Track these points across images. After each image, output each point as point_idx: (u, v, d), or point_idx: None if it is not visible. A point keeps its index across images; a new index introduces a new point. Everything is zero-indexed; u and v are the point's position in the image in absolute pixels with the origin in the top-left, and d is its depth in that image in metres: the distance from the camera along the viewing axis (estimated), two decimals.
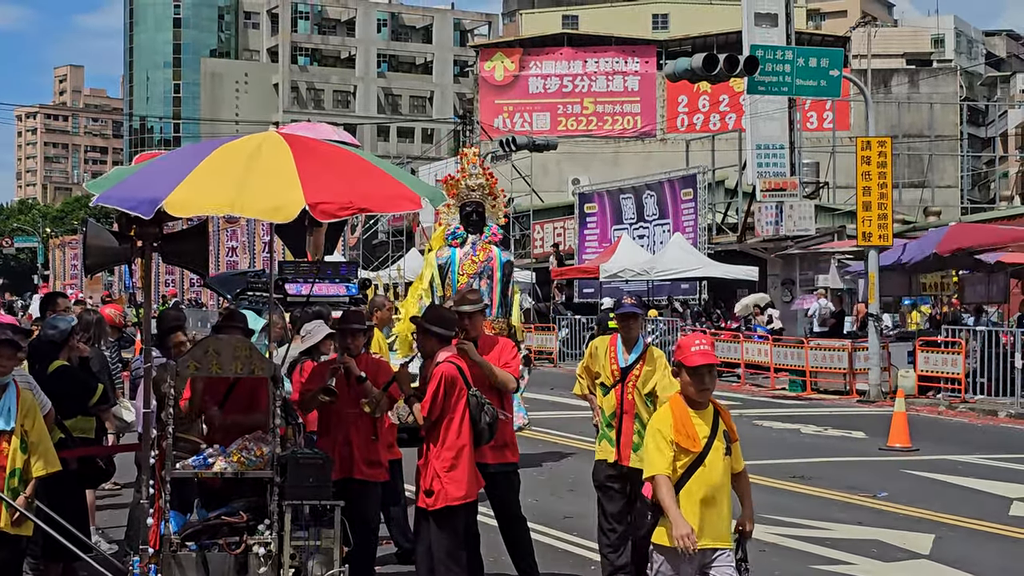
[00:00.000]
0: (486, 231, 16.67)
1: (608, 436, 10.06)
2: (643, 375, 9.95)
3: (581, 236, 50.11)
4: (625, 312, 10.13)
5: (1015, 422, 24.10)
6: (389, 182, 8.44)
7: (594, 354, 10.29)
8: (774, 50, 28.89)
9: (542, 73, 73.53)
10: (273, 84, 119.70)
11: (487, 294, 16.57)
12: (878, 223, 27.76)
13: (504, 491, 10.02)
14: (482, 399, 9.39)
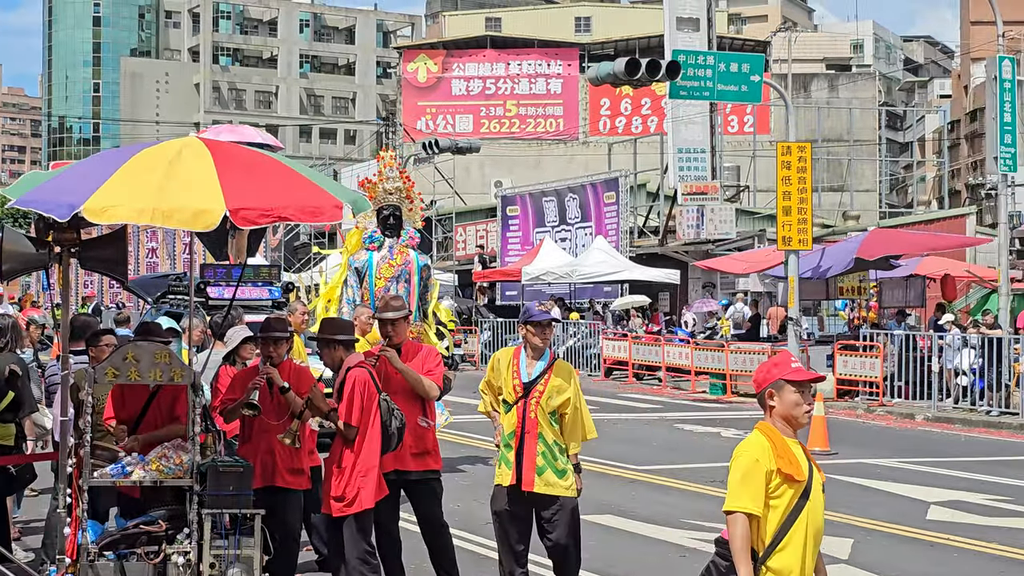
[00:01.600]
0: (403, 235, 16.66)
1: (507, 459, 9.15)
2: (548, 390, 9.12)
3: (504, 239, 50.16)
4: (538, 320, 9.24)
5: (932, 425, 24.39)
6: (312, 189, 8.41)
7: (496, 367, 9.41)
8: (695, 55, 29.05)
9: (465, 75, 73.52)
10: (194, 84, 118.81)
11: (405, 298, 16.55)
12: (798, 227, 27.96)
13: (426, 498, 9.98)
14: (392, 404, 9.37)
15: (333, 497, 9.08)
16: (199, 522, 8.39)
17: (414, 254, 16.84)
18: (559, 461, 8.96)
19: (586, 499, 13.82)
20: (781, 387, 6.16)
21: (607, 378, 34.47)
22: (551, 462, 8.92)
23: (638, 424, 24.30)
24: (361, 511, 9.07)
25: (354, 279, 16.56)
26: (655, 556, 11.96)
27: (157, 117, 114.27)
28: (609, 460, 17.91)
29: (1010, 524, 13.80)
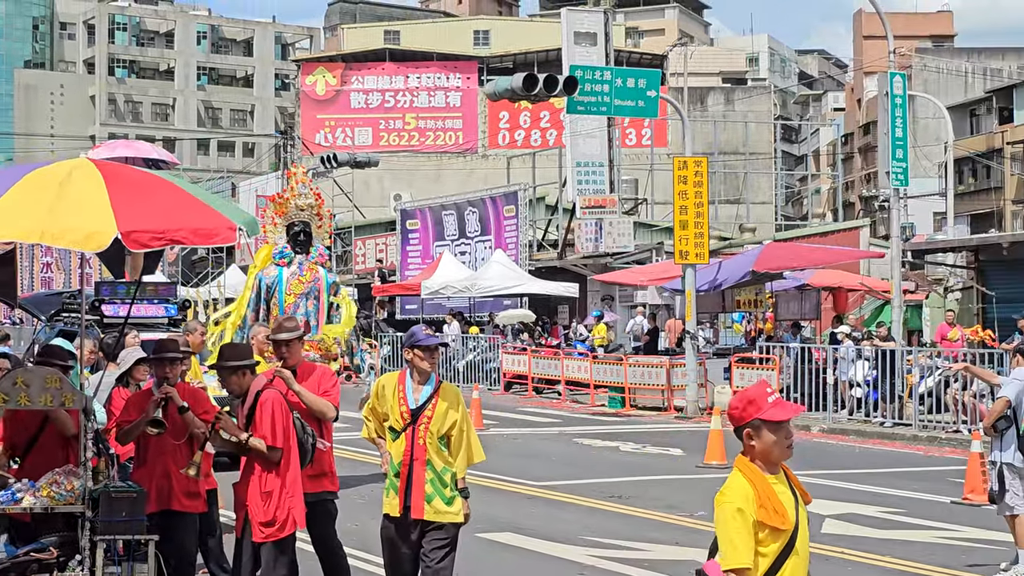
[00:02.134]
0: (313, 251, 16.58)
1: (395, 486, 8.89)
2: (436, 416, 8.86)
3: (403, 252, 50.09)
4: (425, 345, 8.96)
5: (828, 437, 24.67)
6: (205, 211, 8.36)
7: (380, 394, 9.08)
8: (593, 71, 29.19)
9: (364, 88, 73.34)
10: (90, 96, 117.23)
11: (313, 315, 16.48)
12: (695, 241, 28.20)
13: (322, 520, 9.91)
14: (304, 422, 9.33)
15: (262, 523, 8.93)
16: (91, 549, 8.28)
17: (323, 271, 16.78)
18: (448, 489, 8.85)
19: (484, 516, 13.85)
20: (758, 427, 5.89)
21: (507, 392, 34.49)
22: (440, 490, 8.82)
23: (537, 438, 24.35)
24: (291, 534, 9.00)
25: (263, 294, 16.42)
26: (554, 573, 11.98)
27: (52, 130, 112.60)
28: (507, 476, 17.92)
29: (904, 537, 13.98)
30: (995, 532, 13.62)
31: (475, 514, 9.38)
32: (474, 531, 12.57)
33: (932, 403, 24.82)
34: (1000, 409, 12.05)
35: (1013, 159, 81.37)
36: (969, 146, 78.97)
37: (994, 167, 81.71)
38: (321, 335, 16.53)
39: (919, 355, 26.15)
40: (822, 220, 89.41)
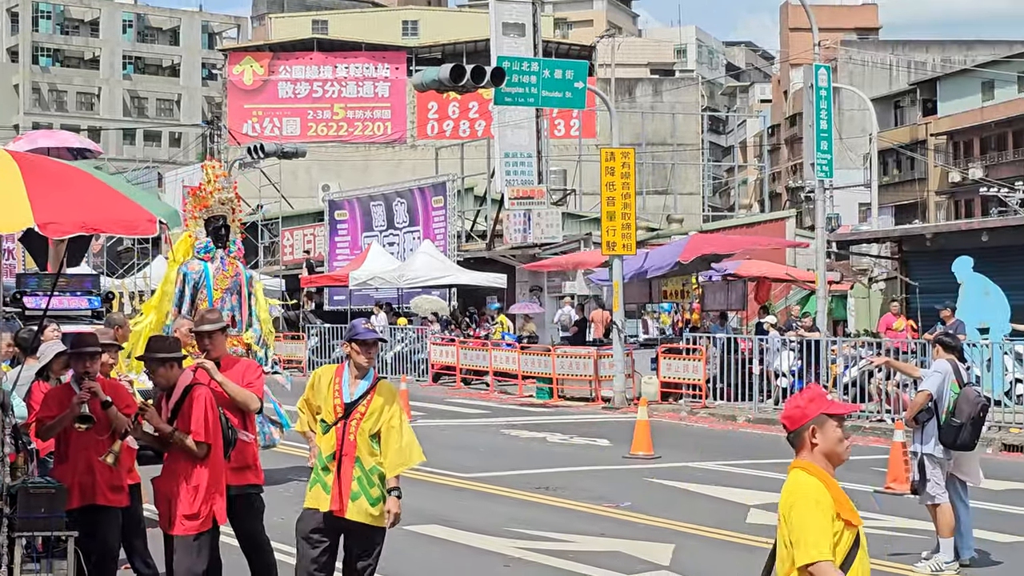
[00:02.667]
0: (232, 246, 16.48)
1: (323, 481, 8.78)
2: (370, 412, 8.75)
3: (331, 243, 49.88)
4: (364, 339, 8.88)
5: (753, 427, 24.85)
6: (125, 204, 8.26)
7: (316, 385, 8.99)
8: (520, 62, 29.22)
9: (292, 78, 72.89)
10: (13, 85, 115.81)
11: (237, 309, 16.37)
12: (622, 232, 28.29)
13: (247, 514, 9.84)
14: (227, 418, 9.27)
15: (185, 515, 8.84)
16: (9, 546, 8.18)
17: (242, 266, 16.71)
18: (375, 488, 8.74)
19: (410, 509, 13.77)
20: (824, 422, 5.75)
21: (435, 383, 34.47)
22: (366, 489, 8.72)
23: (465, 430, 24.36)
24: (212, 528, 8.93)
25: (188, 290, 16.27)
26: (479, 566, 11.98)
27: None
28: (435, 468, 17.87)
29: None
30: (917, 521, 13.76)
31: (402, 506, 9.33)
32: (400, 524, 12.52)
33: (856, 393, 25.04)
34: (922, 402, 12.17)
35: (937, 151, 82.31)
36: (893, 138, 79.73)
37: (918, 159, 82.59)
38: (245, 331, 16.44)
39: (843, 345, 26.38)
40: (749, 211, 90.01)
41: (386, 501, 8.74)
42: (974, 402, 12.12)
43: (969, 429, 12.03)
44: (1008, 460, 20.15)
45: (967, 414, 11.99)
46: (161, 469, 9.08)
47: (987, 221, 40.78)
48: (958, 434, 12.00)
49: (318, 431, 8.96)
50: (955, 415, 11.99)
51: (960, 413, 11.99)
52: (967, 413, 11.99)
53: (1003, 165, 76.14)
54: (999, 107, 77.81)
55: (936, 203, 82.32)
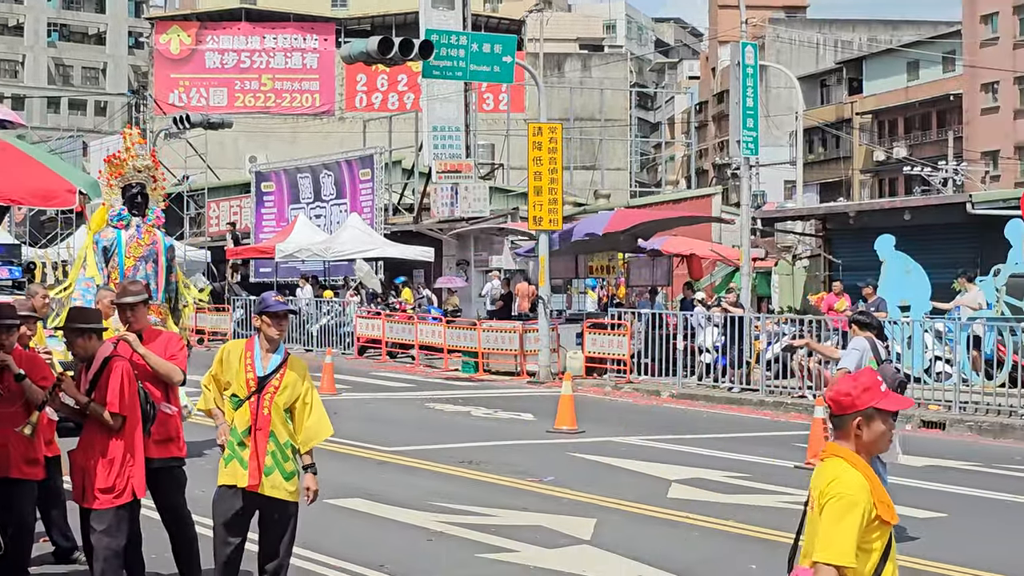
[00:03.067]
0: (150, 214, 16.33)
1: (239, 456, 8.71)
2: (284, 386, 8.70)
3: (258, 215, 49.60)
4: (274, 311, 8.82)
5: (676, 402, 25.02)
6: (44, 174, 8.20)
7: (225, 360, 8.87)
8: (449, 35, 29.13)
9: (219, 48, 72.35)
10: None
11: (153, 278, 16.23)
12: (549, 207, 28.36)
13: (168, 487, 9.78)
14: (146, 392, 9.21)
15: (101, 489, 8.76)
16: None
17: (160, 234, 16.56)
18: (289, 463, 8.73)
19: (333, 482, 13.82)
20: (871, 416, 5.52)
21: (360, 356, 34.42)
22: (280, 463, 8.70)
23: (390, 403, 24.34)
24: (129, 502, 8.86)
25: (100, 258, 16.15)
26: (402, 540, 11.98)
27: None
28: (358, 441, 17.89)
29: (747, 501, 14.22)
30: None
31: (325, 480, 9.32)
32: (323, 497, 12.47)
33: (779, 369, 25.28)
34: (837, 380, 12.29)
35: (862, 129, 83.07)
36: (819, 116, 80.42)
37: (843, 137, 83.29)
38: (161, 299, 16.30)
39: (767, 321, 26.61)
40: (675, 187, 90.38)
41: (303, 478, 8.73)
42: (891, 378, 12.26)
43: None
44: (927, 437, 20.42)
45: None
46: (77, 441, 9.01)
47: (910, 200, 41.21)
48: None
49: (228, 407, 8.85)
50: None
51: None
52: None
53: (927, 144, 77.01)
54: (923, 87, 78.67)
55: (860, 181, 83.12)
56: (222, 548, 8.84)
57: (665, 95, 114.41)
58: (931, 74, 78.73)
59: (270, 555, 8.82)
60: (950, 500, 14.59)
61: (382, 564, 10.92)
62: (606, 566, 11.06)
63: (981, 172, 66.76)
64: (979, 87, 70.59)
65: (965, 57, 71.29)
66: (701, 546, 12.00)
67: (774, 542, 12.16)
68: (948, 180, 64.18)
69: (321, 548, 11.17)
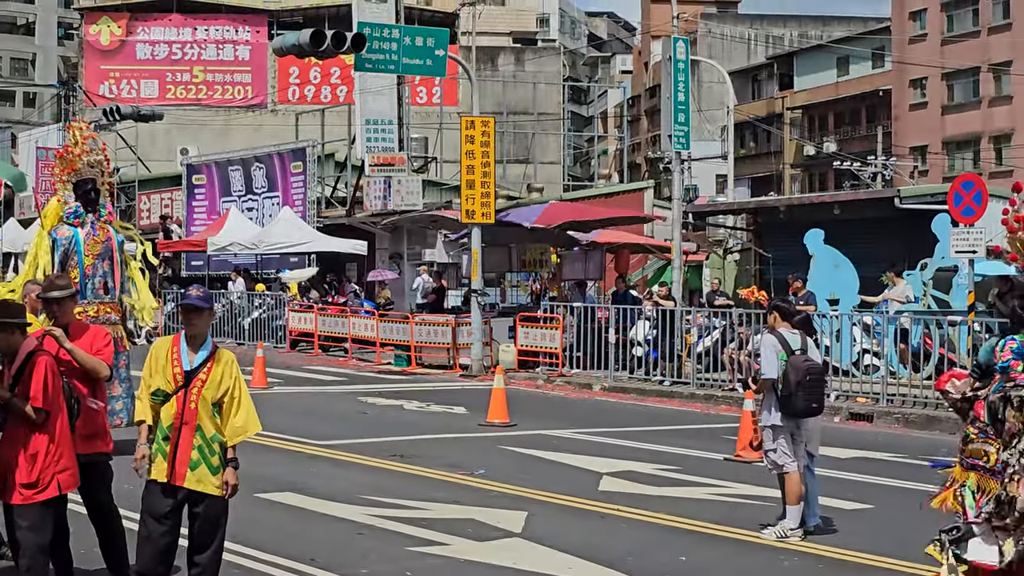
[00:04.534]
0: (102, 210, 16.14)
1: (164, 451, 8.68)
2: (211, 381, 8.72)
3: (189, 208, 49.26)
4: (187, 304, 8.84)
5: (608, 395, 25.15)
6: None
7: (153, 358, 8.84)
8: (382, 28, 29.08)
9: (151, 39, 71.71)
10: None
11: (110, 276, 16.03)
12: (481, 201, 28.39)
13: (95, 482, 9.72)
14: (71, 387, 9.15)
15: (24, 484, 8.69)
16: None
17: (112, 230, 16.31)
18: (215, 457, 8.71)
19: (265, 476, 13.81)
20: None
21: (293, 350, 34.32)
22: (207, 457, 8.68)
23: (322, 397, 24.29)
24: (53, 497, 8.80)
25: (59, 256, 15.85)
26: (333, 534, 11.98)
27: None
28: (290, 435, 17.85)
29: (677, 494, 14.33)
30: (765, 488, 14.06)
31: (255, 474, 9.36)
32: (253, 491, 12.50)
33: (709, 362, 25.46)
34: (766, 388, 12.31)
35: (792, 124, 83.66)
36: (751, 111, 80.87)
37: (774, 132, 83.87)
38: (118, 297, 16.14)
39: (697, 315, 26.77)
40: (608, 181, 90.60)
41: (224, 472, 8.73)
42: (799, 368, 12.33)
43: (801, 396, 12.25)
44: (855, 429, 20.66)
45: (793, 382, 12.21)
46: (0, 436, 8.94)
47: (839, 194, 41.62)
48: (790, 402, 12.25)
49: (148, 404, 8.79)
50: (784, 385, 12.23)
51: (786, 382, 12.22)
52: (793, 381, 12.21)
53: (856, 139, 77.71)
54: (853, 82, 79.35)
55: (791, 176, 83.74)
56: (150, 542, 8.79)
57: (598, 89, 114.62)
58: (860, 70, 79.40)
59: (199, 548, 8.81)
60: (877, 491, 14.78)
61: (312, 557, 10.91)
62: (537, 558, 11.11)
63: (909, 167, 67.44)
64: (907, 83, 71.28)
65: (894, 53, 71.96)
66: (632, 538, 12.08)
67: (704, 534, 12.29)
68: (877, 175, 64.79)
69: (251, 542, 11.14)
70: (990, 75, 65.51)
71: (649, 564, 11.06)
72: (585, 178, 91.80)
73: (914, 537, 12.43)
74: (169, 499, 8.73)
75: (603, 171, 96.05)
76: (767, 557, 11.53)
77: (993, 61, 64.69)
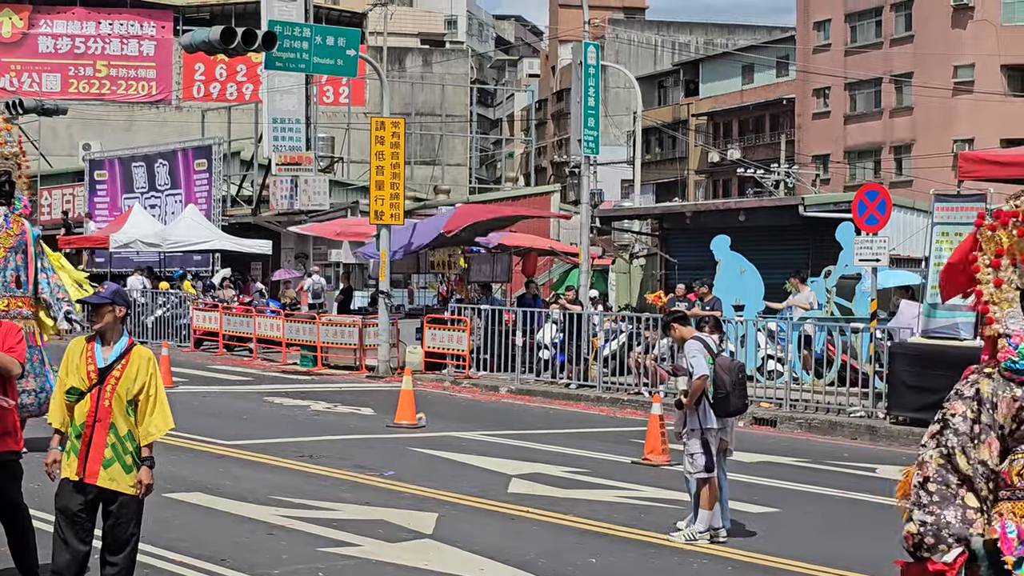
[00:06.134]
0: (17, 203, 15.89)
1: (76, 449, 8.59)
2: (125, 377, 8.62)
3: (91, 204, 48.73)
4: (90, 301, 8.80)
5: (515, 398, 25.21)
6: None
7: (69, 357, 8.75)
8: (292, 27, 28.95)
9: (53, 32, 70.80)
10: None
11: (23, 269, 15.77)
12: (391, 202, 28.32)
13: (5, 481, 9.59)
14: None
15: None
16: None
17: (28, 224, 16.05)
18: (129, 455, 8.62)
19: (172, 476, 13.71)
20: None
21: (197, 349, 34.04)
22: (120, 455, 8.57)
23: (228, 397, 24.12)
24: None
25: None
26: (243, 534, 11.92)
27: None
28: (197, 435, 17.71)
29: (586, 496, 14.41)
30: (673, 492, 14.19)
31: (163, 474, 9.28)
32: (161, 491, 12.37)
33: (615, 366, 25.60)
34: (701, 386, 12.34)
35: (697, 131, 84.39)
36: (657, 116, 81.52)
37: (679, 138, 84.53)
38: (31, 291, 15.89)
39: (604, 319, 26.93)
40: (515, 184, 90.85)
41: (139, 470, 8.64)
42: (730, 367, 12.51)
43: (737, 394, 12.42)
44: (759, 433, 20.88)
45: (729, 382, 12.36)
46: None
47: (745, 201, 42.03)
48: (728, 402, 12.38)
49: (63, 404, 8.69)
50: (719, 386, 12.32)
51: (722, 383, 12.33)
52: (728, 381, 12.36)
53: (760, 147, 78.53)
54: (757, 90, 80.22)
55: (696, 182, 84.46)
56: (64, 542, 8.69)
57: (505, 92, 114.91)
58: (765, 78, 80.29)
59: (113, 549, 8.72)
60: (782, 495, 14.95)
61: (223, 558, 10.85)
62: (449, 560, 11.13)
63: (812, 175, 68.25)
64: (811, 92, 72.15)
65: (798, 63, 72.80)
66: (542, 540, 12.13)
67: (614, 537, 12.38)
68: (780, 183, 65.51)
69: (160, 542, 11.06)
70: (892, 86, 66.51)
71: (560, 566, 11.12)
72: (491, 181, 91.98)
73: (820, 540, 12.65)
74: (80, 496, 8.61)
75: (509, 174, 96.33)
76: (677, 560, 11.63)
77: (895, 72, 65.68)
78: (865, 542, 12.37)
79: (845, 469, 17.30)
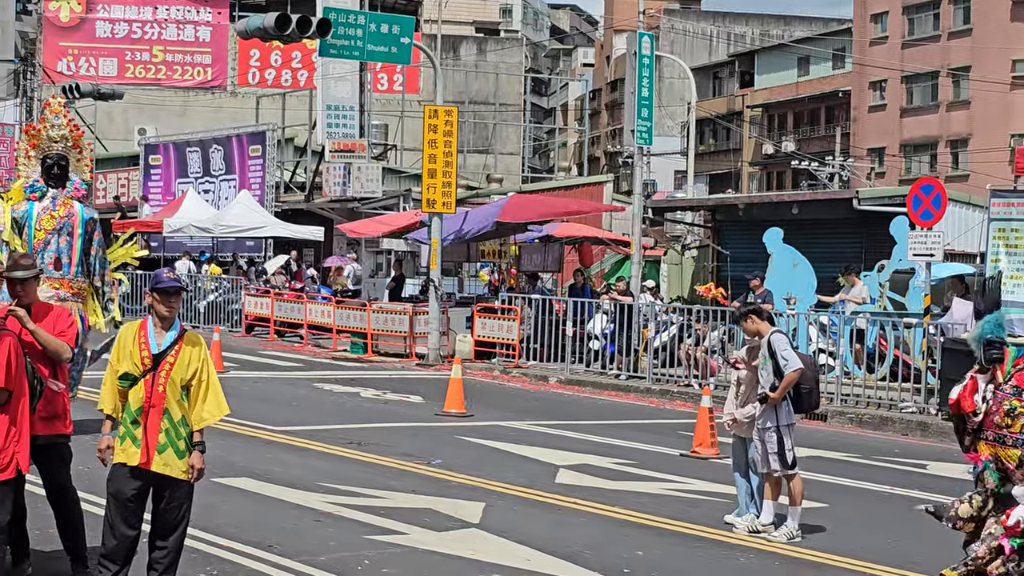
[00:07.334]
0: (68, 185, 15.99)
1: (132, 434, 8.64)
2: (179, 363, 8.67)
3: (145, 188, 49.00)
4: (165, 288, 8.78)
5: (564, 388, 25.17)
6: None
7: (121, 343, 8.79)
8: (347, 14, 28.98)
9: (110, 17, 71.18)
10: None
11: (66, 252, 15.87)
12: (443, 190, 28.32)
13: (54, 464, 9.66)
14: (34, 367, 9.08)
15: None
16: None
17: (79, 206, 16.09)
18: (182, 441, 8.67)
19: (221, 461, 13.74)
20: None
21: (248, 335, 34.18)
22: (174, 441, 8.62)
23: (278, 382, 24.19)
24: (12, 477, 8.73)
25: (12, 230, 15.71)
26: (290, 520, 11.95)
27: None
28: (246, 420, 17.76)
29: (633, 488, 14.37)
30: (720, 485, 14.13)
31: (212, 459, 9.30)
32: (210, 476, 12.39)
33: (666, 357, 25.51)
34: (794, 379, 12.12)
35: (752, 122, 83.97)
36: (711, 107, 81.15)
37: (734, 129, 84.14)
38: (74, 274, 15.99)
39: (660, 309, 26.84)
40: (567, 174, 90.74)
41: (191, 456, 8.68)
42: (811, 364, 12.51)
43: (816, 391, 12.43)
44: (809, 427, 20.71)
45: (811, 378, 12.33)
46: None
47: (798, 194, 41.80)
48: (810, 399, 12.34)
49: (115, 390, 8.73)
50: (802, 382, 12.19)
51: (806, 379, 12.24)
52: (811, 377, 12.33)
53: (815, 139, 78.09)
54: (813, 83, 79.74)
55: (749, 174, 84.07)
56: (115, 526, 8.74)
57: (559, 81, 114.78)
58: (821, 70, 79.81)
59: (162, 533, 8.77)
60: (832, 490, 14.86)
61: (270, 544, 10.88)
62: (496, 550, 11.12)
63: (867, 168, 67.82)
64: (867, 85, 71.66)
65: (854, 55, 72.31)
66: (589, 531, 12.10)
67: (661, 529, 12.33)
68: (834, 175, 65.12)
69: (209, 527, 11.11)
70: (949, 79, 65.95)
71: (606, 558, 11.08)
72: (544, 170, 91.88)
73: (869, 537, 12.55)
74: (137, 482, 8.67)
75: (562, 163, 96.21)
76: (723, 553, 11.58)
77: (952, 65, 65.13)
78: (914, 539, 12.27)
79: (896, 465, 17.19)
